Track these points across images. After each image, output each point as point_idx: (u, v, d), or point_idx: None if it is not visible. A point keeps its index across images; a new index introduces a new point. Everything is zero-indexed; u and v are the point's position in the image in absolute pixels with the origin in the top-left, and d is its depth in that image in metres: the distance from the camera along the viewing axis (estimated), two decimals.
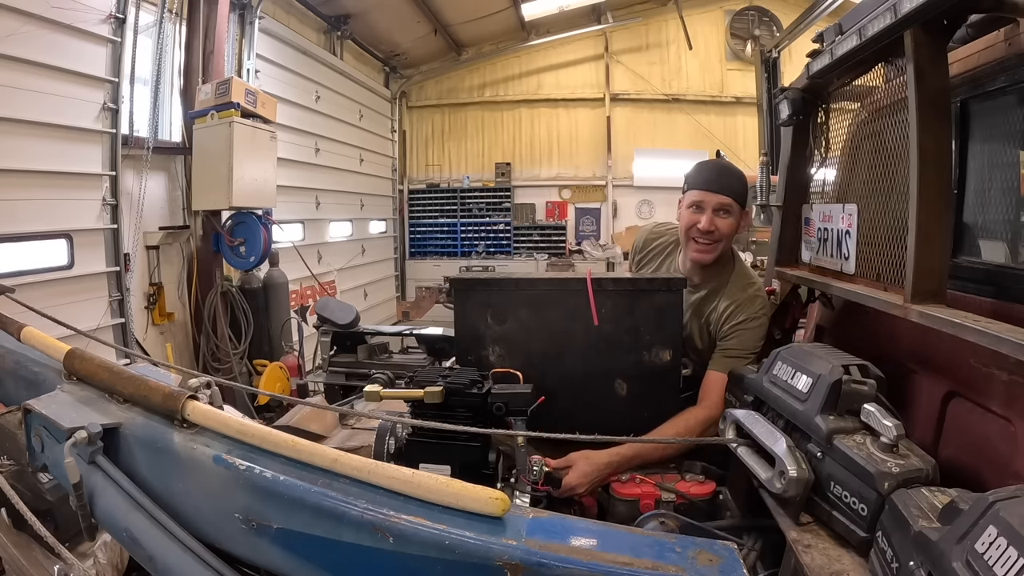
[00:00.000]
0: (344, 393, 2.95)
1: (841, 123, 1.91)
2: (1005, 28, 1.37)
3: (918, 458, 1.09)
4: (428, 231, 12.48)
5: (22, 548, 1.63)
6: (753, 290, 2.00)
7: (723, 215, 1.93)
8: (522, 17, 10.67)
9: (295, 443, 0.96)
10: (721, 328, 1.97)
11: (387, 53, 10.99)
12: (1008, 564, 0.71)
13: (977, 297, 1.48)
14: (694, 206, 1.96)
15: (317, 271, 7.64)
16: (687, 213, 1.99)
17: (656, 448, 1.79)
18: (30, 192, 4.21)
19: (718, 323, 1.99)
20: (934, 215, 1.30)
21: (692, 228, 1.96)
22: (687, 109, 11.62)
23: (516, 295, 1.89)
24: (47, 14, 4.20)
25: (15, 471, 1.71)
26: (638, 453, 1.76)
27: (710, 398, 1.87)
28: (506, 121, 12.18)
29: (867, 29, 1.44)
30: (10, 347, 1.54)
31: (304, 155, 8.06)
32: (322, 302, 3.23)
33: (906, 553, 0.90)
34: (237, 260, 5.75)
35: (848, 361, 1.25)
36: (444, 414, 1.56)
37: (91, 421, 1.07)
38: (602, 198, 12.03)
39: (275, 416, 3.84)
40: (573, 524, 0.93)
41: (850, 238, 1.66)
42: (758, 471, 1.27)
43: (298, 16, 8.22)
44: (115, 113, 4.84)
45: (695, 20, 11.21)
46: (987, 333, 1.07)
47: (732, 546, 0.88)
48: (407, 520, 0.84)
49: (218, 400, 1.18)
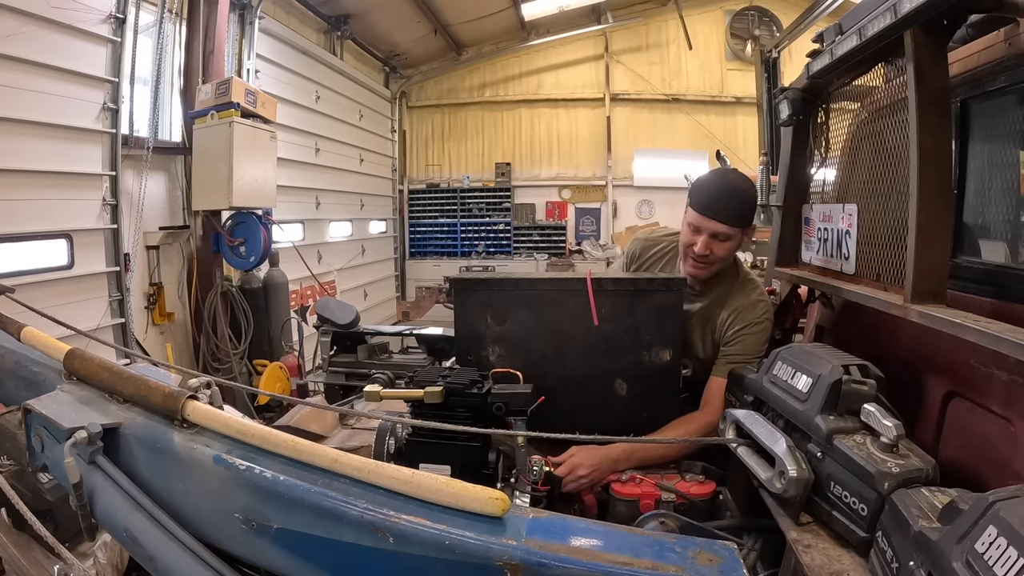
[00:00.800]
0: (344, 393, 2.95)
1: (841, 123, 1.91)
2: (1005, 28, 1.37)
3: (918, 458, 1.09)
4: (428, 231, 12.48)
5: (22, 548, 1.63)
6: (756, 295, 2.00)
7: (721, 239, 1.88)
8: (522, 17, 10.67)
9: (295, 443, 0.96)
10: (725, 334, 1.97)
11: (387, 53, 10.99)
12: (1008, 564, 0.71)
13: (977, 297, 1.48)
14: (691, 227, 1.91)
15: (317, 271, 7.65)
16: (686, 230, 1.94)
17: (657, 448, 1.79)
18: (30, 192, 4.21)
19: (722, 329, 1.98)
20: (934, 215, 1.30)
21: (689, 247, 1.92)
22: (687, 109, 11.62)
23: (516, 295, 1.89)
24: (47, 14, 4.20)
25: (15, 471, 1.71)
26: (638, 449, 1.77)
27: (712, 403, 1.87)
28: (506, 121, 12.18)
29: (867, 29, 1.44)
30: (10, 347, 1.53)
31: (304, 155, 8.06)
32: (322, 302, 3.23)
33: (906, 553, 0.90)
34: (237, 260, 5.75)
35: (848, 361, 1.25)
36: (444, 414, 1.56)
37: (91, 421, 1.07)
38: (602, 198, 12.03)
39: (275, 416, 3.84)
40: (573, 524, 0.93)
41: (850, 238, 1.66)
42: (758, 471, 1.27)
43: (298, 16, 8.22)
44: (115, 113, 4.84)
45: (695, 20, 11.21)
46: (987, 333, 1.07)
47: (732, 546, 0.88)
48: (407, 520, 0.84)
49: (218, 400, 1.18)
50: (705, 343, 2.04)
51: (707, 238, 1.87)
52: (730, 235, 1.88)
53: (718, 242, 1.88)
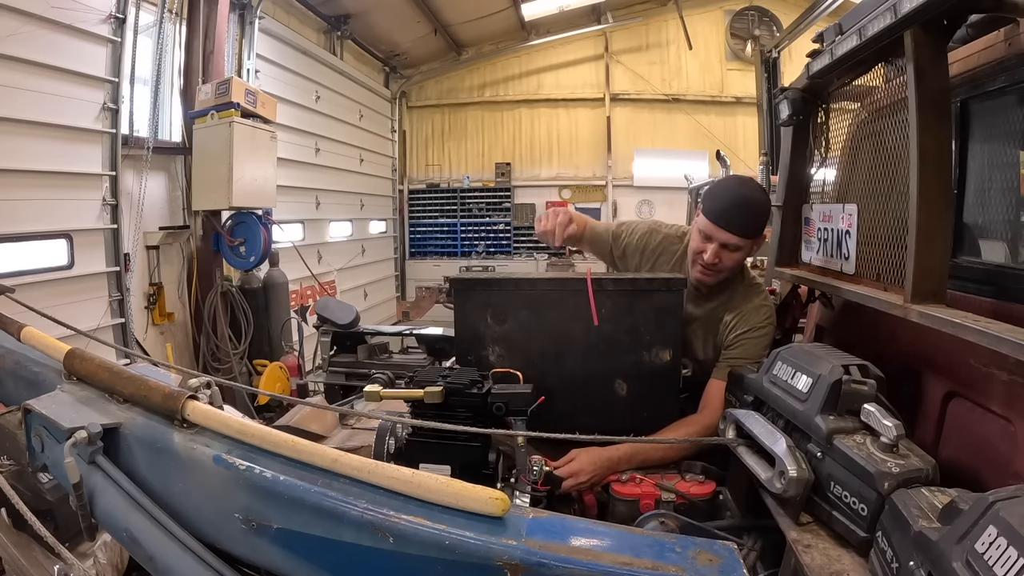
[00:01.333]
0: (344, 393, 2.95)
1: (841, 123, 1.91)
2: (1005, 28, 1.37)
3: (918, 458, 1.09)
4: (428, 231, 12.48)
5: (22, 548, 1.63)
6: (759, 300, 1.99)
7: (731, 249, 1.87)
8: (522, 17, 10.67)
9: (295, 443, 0.96)
10: (727, 338, 1.97)
11: (387, 53, 10.99)
12: (1008, 564, 0.71)
13: (977, 297, 1.48)
14: (702, 234, 1.90)
15: (317, 271, 7.65)
16: (696, 237, 1.92)
17: (657, 449, 1.79)
18: (30, 192, 4.21)
19: (724, 333, 1.98)
20: (934, 215, 1.30)
21: (698, 254, 1.92)
22: (687, 109, 11.62)
23: (516, 295, 1.89)
24: (47, 14, 4.20)
25: (15, 471, 1.71)
26: (638, 451, 1.77)
27: (711, 406, 1.87)
28: (506, 121, 12.18)
29: (867, 29, 1.44)
30: (10, 347, 1.53)
31: (304, 155, 8.06)
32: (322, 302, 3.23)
33: (906, 553, 0.90)
34: (237, 260, 5.75)
35: (848, 361, 1.25)
36: (444, 414, 1.56)
37: (91, 421, 1.07)
38: (602, 198, 12.03)
39: (275, 416, 3.84)
40: (573, 524, 0.93)
41: (850, 238, 1.66)
42: (758, 471, 1.27)
43: (298, 16, 8.22)
44: (115, 113, 4.84)
45: (695, 20, 11.21)
46: (987, 333, 1.07)
47: (732, 546, 0.87)
48: (407, 520, 0.84)
49: (218, 400, 1.18)
50: (707, 346, 2.04)
51: (717, 247, 1.86)
52: (740, 246, 1.88)
53: (728, 252, 1.87)
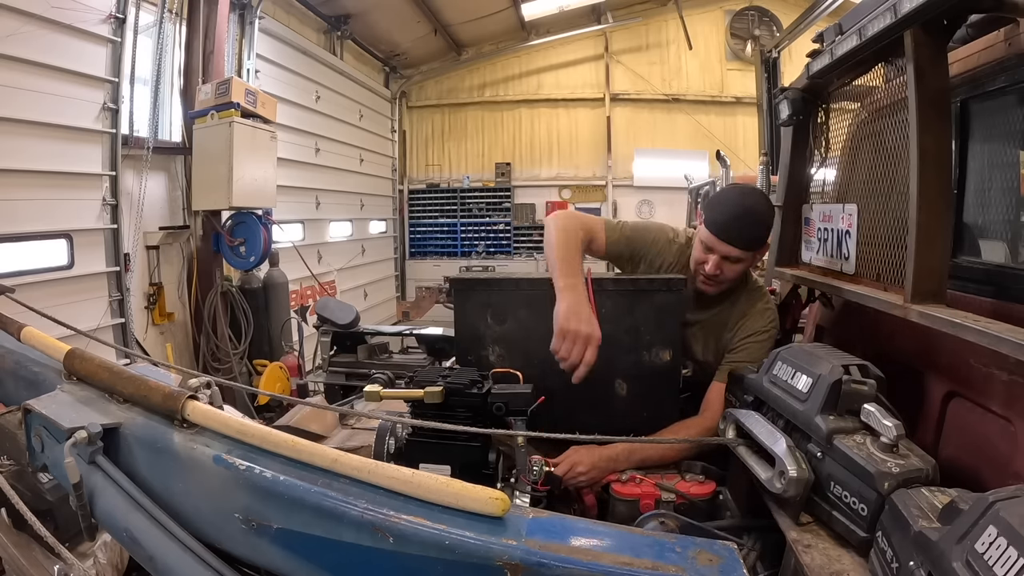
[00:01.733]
0: (344, 393, 2.95)
1: (841, 123, 1.91)
2: (1005, 28, 1.37)
3: (918, 458, 1.09)
4: (428, 231, 12.48)
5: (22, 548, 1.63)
6: (763, 304, 1.99)
7: (732, 262, 1.85)
8: (522, 17, 10.67)
9: (295, 443, 0.96)
10: (731, 342, 1.97)
11: (387, 53, 10.99)
12: (1008, 564, 0.71)
13: (977, 297, 1.48)
14: (704, 245, 1.87)
15: (317, 271, 7.65)
16: (699, 247, 1.90)
17: (656, 450, 1.79)
18: (30, 192, 4.22)
19: (727, 337, 1.98)
20: (934, 215, 1.30)
21: (700, 265, 1.90)
22: (687, 109, 11.62)
23: (516, 295, 1.89)
24: (47, 14, 4.20)
25: (15, 471, 1.71)
26: (637, 450, 1.77)
27: (712, 408, 1.86)
28: (506, 121, 12.18)
29: (867, 29, 1.44)
30: (10, 347, 1.53)
31: (304, 155, 8.06)
32: (322, 302, 3.23)
33: (906, 553, 0.90)
34: (237, 260, 5.75)
35: (848, 361, 1.25)
36: (444, 414, 1.56)
37: (91, 421, 1.07)
38: (602, 198, 12.03)
39: (275, 416, 3.84)
40: (573, 524, 0.93)
41: (850, 238, 1.66)
42: (758, 471, 1.27)
43: (298, 16, 8.22)
44: (115, 113, 4.84)
45: (695, 20, 11.21)
46: (987, 333, 1.07)
47: (732, 546, 0.87)
48: (407, 520, 0.84)
49: (218, 400, 1.18)
50: (708, 348, 2.03)
51: (718, 259, 1.84)
52: (742, 258, 1.86)
53: (729, 263, 1.85)
